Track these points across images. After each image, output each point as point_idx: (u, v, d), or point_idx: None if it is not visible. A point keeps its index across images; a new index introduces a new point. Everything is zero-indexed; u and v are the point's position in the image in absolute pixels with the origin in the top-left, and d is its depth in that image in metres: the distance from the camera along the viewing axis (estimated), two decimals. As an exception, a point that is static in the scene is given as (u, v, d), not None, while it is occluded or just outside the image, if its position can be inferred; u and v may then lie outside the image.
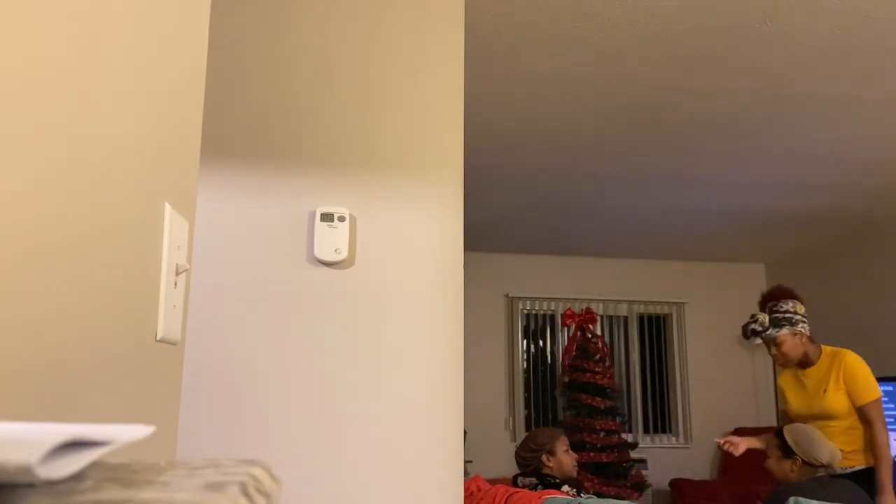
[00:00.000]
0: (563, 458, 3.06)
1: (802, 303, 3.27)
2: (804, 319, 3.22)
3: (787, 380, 3.34)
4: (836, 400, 3.10)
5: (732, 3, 2.61)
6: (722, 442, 3.17)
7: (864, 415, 3.06)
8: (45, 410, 0.51)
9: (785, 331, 3.17)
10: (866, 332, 5.70)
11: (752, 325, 3.23)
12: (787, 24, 2.75)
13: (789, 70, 3.11)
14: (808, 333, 3.22)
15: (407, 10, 1.88)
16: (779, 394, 3.40)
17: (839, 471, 3.07)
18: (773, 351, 3.21)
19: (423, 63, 1.86)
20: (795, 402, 3.27)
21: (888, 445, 3.02)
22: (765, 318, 3.23)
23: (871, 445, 3.03)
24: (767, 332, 3.20)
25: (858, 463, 3.06)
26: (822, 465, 2.70)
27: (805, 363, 3.24)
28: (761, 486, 5.42)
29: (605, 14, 2.70)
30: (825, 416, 3.13)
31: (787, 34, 2.82)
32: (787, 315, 3.18)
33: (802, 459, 2.72)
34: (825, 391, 3.12)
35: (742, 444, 3.18)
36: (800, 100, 3.41)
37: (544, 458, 3.04)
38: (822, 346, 3.25)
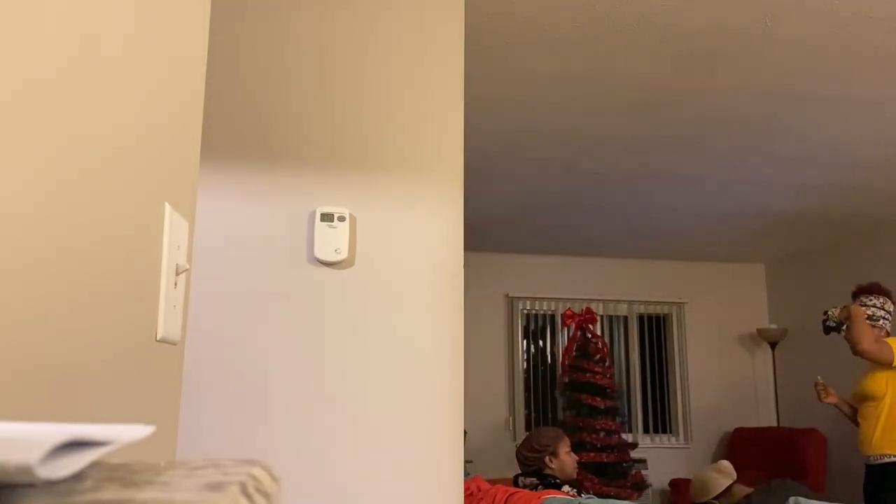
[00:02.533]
0: (566, 460, 3.06)
1: (894, 302, 3.43)
2: (887, 317, 3.38)
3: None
4: (876, 380, 3.28)
5: (733, 4, 2.61)
6: (820, 381, 3.44)
7: None
8: (45, 410, 0.51)
9: None
10: (866, 332, 5.69)
11: (826, 322, 3.47)
12: (788, 24, 2.75)
13: (789, 70, 3.11)
14: (887, 330, 3.38)
15: (407, 10, 1.88)
16: None
17: (871, 460, 3.27)
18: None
19: (423, 63, 1.86)
20: (855, 386, 3.46)
21: None
22: (836, 312, 3.44)
23: None
24: (846, 325, 3.37)
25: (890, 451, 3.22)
26: (718, 496, 2.80)
27: None
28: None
29: (605, 14, 2.70)
30: (865, 397, 3.32)
31: (787, 34, 2.82)
32: (871, 310, 3.37)
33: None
34: (867, 373, 3.34)
35: (834, 396, 3.46)
36: (800, 100, 3.41)
37: (547, 459, 3.03)
38: None
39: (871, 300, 3.38)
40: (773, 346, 6.51)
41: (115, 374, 0.64)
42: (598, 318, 6.70)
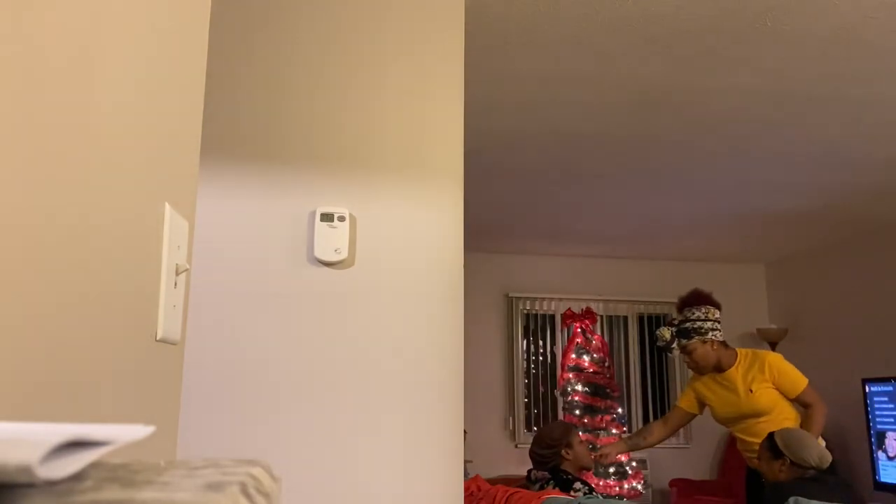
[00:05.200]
0: (579, 449, 3.08)
1: (717, 307, 3.33)
2: (716, 326, 3.28)
3: (705, 386, 3.40)
4: (765, 396, 3.19)
5: (733, 3, 2.61)
6: (594, 456, 3.30)
7: (803, 400, 3.18)
8: (45, 410, 0.51)
9: (694, 340, 3.26)
10: (866, 331, 5.70)
11: (658, 344, 3.37)
12: (788, 24, 2.75)
13: (789, 70, 3.11)
14: (719, 339, 3.29)
15: (407, 10, 1.88)
16: (694, 399, 3.47)
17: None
18: (686, 359, 3.32)
19: (423, 63, 1.86)
20: (721, 406, 3.33)
21: (823, 421, 3.15)
22: (664, 331, 3.34)
23: (809, 421, 3.13)
24: (675, 344, 3.30)
25: None
26: (811, 467, 2.77)
27: (720, 368, 3.30)
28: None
29: (605, 14, 2.70)
30: (756, 415, 3.22)
31: (787, 34, 2.82)
32: (697, 324, 3.26)
33: (791, 460, 2.79)
34: (751, 391, 3.21)
35: (612, 454, 3.35)
36: (800, 100, 3.41)
37: (563, 452, 3.05)
38: (738, 350, 3.34)
39: (693, 313, 3.28)
40: (773, 346, 6.50)
41: (114, 374, 0.64)
42: (598, 318, 6.70)
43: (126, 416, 0.67)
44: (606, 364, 6.33)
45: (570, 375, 6.28)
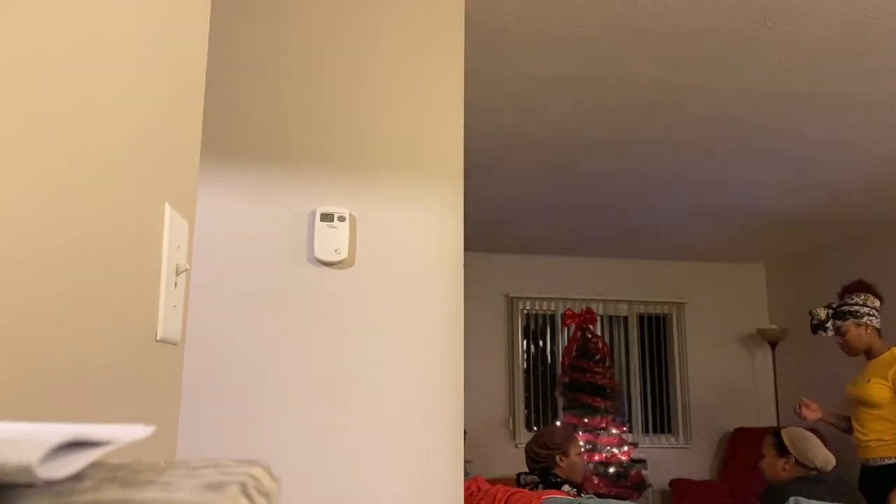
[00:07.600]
0: (576, 461, 3.05)
1: (879, 298, 3.44)
2: (872, 313, 3.39)
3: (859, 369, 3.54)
4: (876, 391, 3.27)
5: (733, 4, 2.61)
6: (800, 406, 3.40)
7: None
8: (45, 410, 0.51)
9: (849, 322, 3.38)
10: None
11: (812, 322, 3.50)
12: (788, 24, 2.75)
13: (789, 70, 3.11)
14: (875, 326, 3.38)
15: (407, 10, 1.88)
16: None
17: (870, 462, 3.30)
18: (839, 340, 3.43)
19: (423, 63, 1.86)
20: (849, 386, 3.45)
21: None
22: (820, 311, 3.47)
23: None
24: (830, 324, 3.43)
25: (889, 454, 3.24)
26: (815, 468, 2.76)
27: (870, 355, 3.39)
28: (761, 487, 5.42)
29: (605, 14, 2.70)
30: (864, 403, 3.32)
31: (787, 34, 2.82)
32: (854, 308, 3.39)
33: (796, 459, 2.78)
34: (869, 380, 3.31)
35: (817, 413, 3.42)
36: (800, 100, 3.41)
37: (558, 458, 3.02)
38: (894, 347, 3.40)
39: (852, 298, 3.42)
40: (773, 346, 6.51)
41: (115, 374, 0.64)
42: (598, 318, 6.70)
43: (126, 416, 0.67)
44: (606, 364, 6.32)
45: (570, 376, 6.28)
